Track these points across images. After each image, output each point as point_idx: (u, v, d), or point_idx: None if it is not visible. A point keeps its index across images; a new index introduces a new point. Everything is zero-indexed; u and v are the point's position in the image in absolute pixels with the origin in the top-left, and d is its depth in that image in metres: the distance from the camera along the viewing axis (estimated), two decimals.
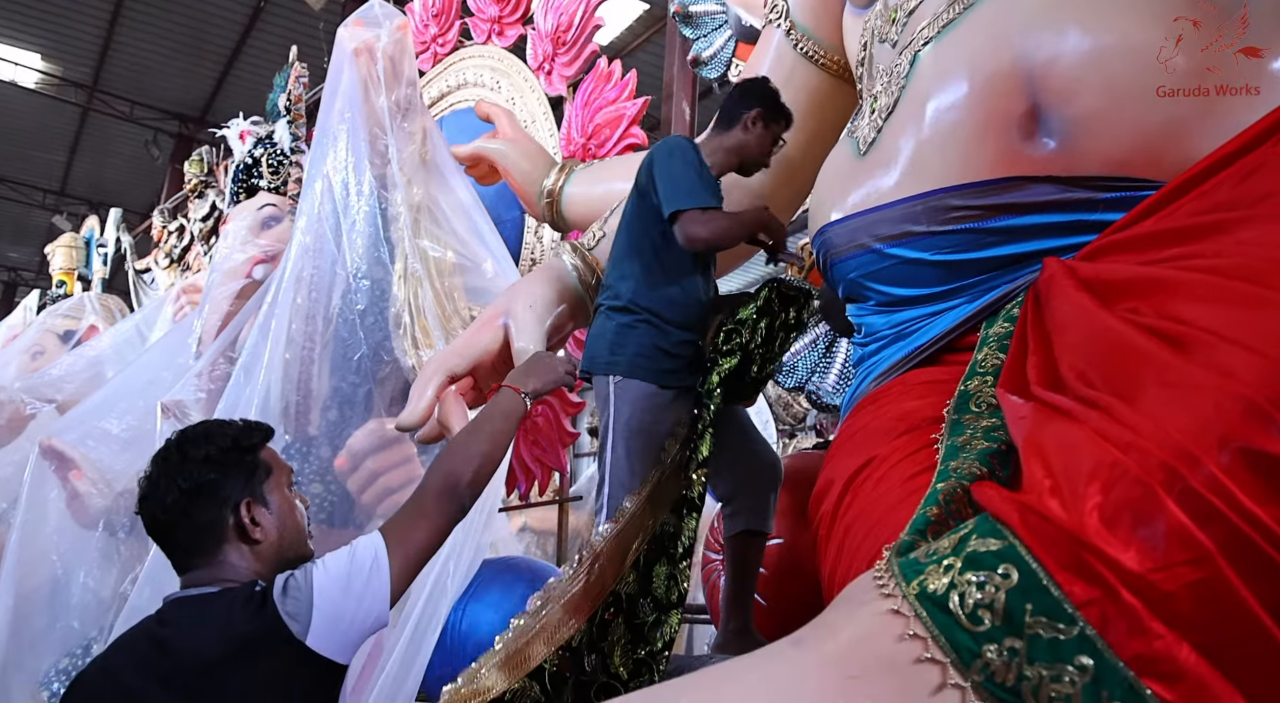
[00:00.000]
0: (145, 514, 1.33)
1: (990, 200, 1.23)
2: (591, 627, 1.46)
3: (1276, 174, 0.86)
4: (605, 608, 1.48)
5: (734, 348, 1.65)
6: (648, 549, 1.55)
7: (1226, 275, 0.81)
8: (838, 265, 1.44)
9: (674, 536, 1.59)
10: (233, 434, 1.35)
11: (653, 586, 1.56)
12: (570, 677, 1.41)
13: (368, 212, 2.54)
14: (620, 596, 1.50)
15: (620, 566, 1.49)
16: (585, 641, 1.45)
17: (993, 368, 1.11)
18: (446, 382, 1.73)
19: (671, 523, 1.60)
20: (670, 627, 1.55)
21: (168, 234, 6.95)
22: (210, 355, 3.13)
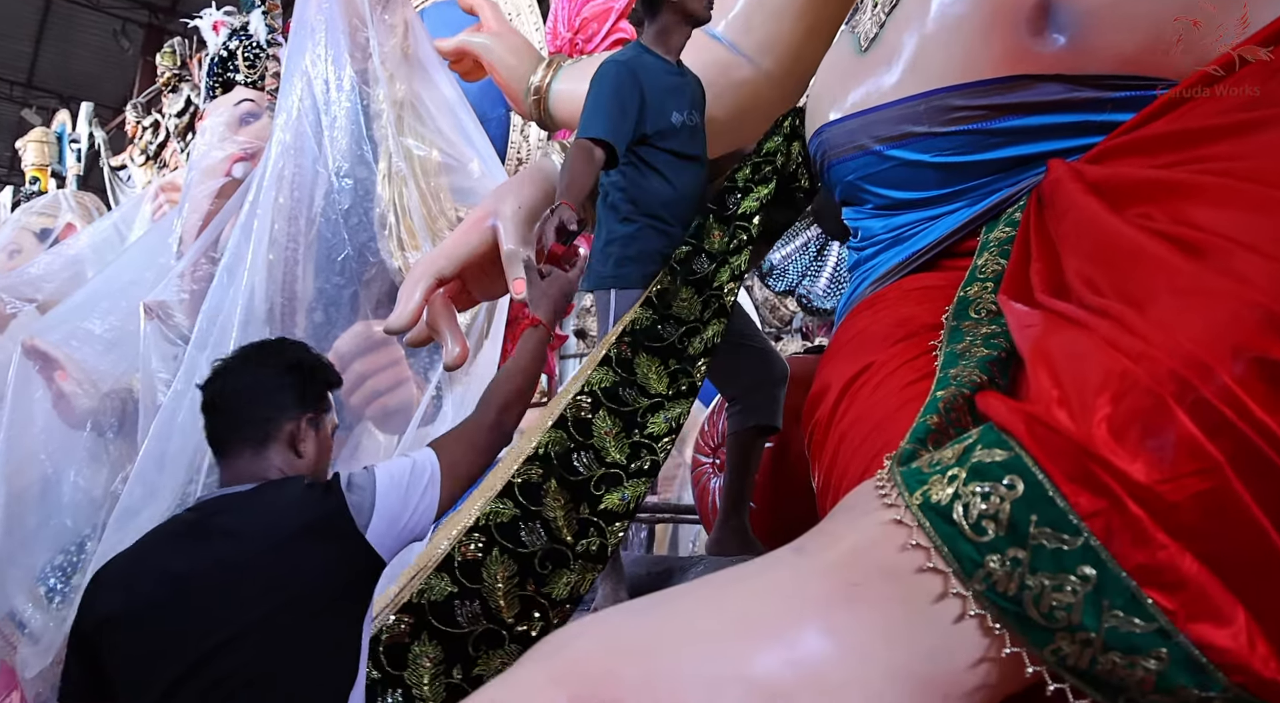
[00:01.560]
0: (212, 391, 1.34)
1: (995, 100, 1.20)
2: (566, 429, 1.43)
3: None
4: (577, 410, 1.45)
5: (768, 175, 1.63)
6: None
7: (1243, 179, 0.78)
8: (835, 167, 1.41)
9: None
10: (320, 361, 1.37)
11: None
12: (553, 478, 1.39)
13: (349, 108, 2.46)
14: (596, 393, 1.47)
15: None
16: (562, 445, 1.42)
17: (993, 274, 1.10)
18: (435, 285, 1.70)
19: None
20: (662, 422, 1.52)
21: (142, 130, 6.77)
22: (192, 255, 3.09)
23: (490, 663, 1.30)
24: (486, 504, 1.33)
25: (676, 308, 1.55)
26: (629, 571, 1.74)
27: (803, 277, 2.55)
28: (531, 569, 1.33)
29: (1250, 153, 0.82)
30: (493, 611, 1.30)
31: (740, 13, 1.83)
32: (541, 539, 1.34)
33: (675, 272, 1.57)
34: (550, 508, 1.36)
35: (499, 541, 1.32)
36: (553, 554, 1.35)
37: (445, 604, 1.29)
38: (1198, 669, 0.66)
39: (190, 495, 2.51)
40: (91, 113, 7.51)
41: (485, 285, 1.78)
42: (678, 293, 1.56)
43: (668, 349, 1.53)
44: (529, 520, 1.34)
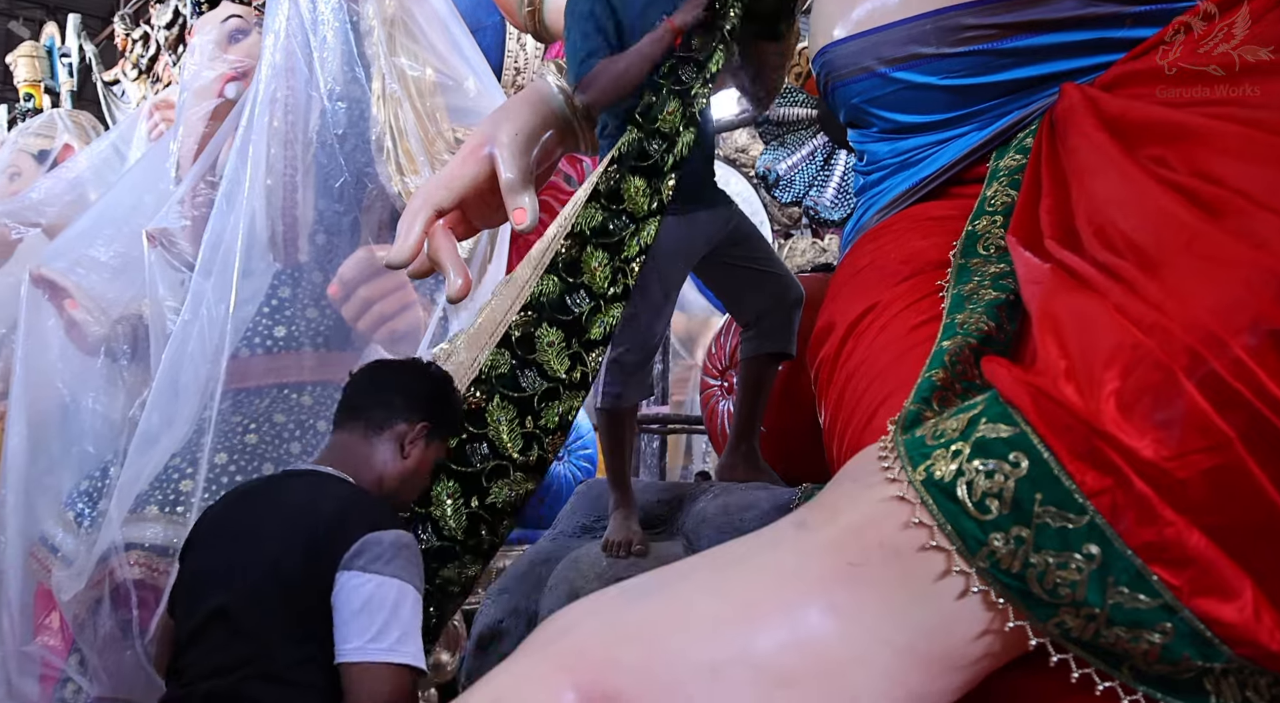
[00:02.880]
0: (362, 373, 1.49)
1: (1007, 18, 1.14)
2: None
3: None
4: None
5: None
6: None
7: (1268, 130, 0.75)
8: (839, 89, 1.35)
9: None
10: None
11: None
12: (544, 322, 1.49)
13: (338, 27, 2.39)
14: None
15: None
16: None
17: (1002, 206, 1.06)
18: (434, 217, 1.66)
19: None
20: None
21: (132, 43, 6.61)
22: (190, 181, 3.05)
23: (501, 492, 1.45)
24: (486, 357, 1.48)
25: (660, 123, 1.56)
26: (640, 498, 1.76)
27: (809, 187, 2.50)
28: (530, 408, 1.47)
29: (1275, 101, 0.78)
30: (498, 448, 1.45)
31: None
32: (537, 382, 1.47)
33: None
34: (543, 353, 1.48)
35: (499, 389, 1.45)
36: (547, 393, 1.47)
37: (459, 448, 1.45)
38: (1203, 643, 0.66)
39: (207, 421, 2.55)
40: (79, 25, 7.34)
41: (485, 214, 1.74)
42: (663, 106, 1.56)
43: (651, 168, 1.56)
44: (524, 368, 1.47)
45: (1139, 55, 1.03)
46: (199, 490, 2.44)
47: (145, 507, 2.46)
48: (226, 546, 1.34)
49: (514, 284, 1.58)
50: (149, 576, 2.29)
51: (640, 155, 1.51)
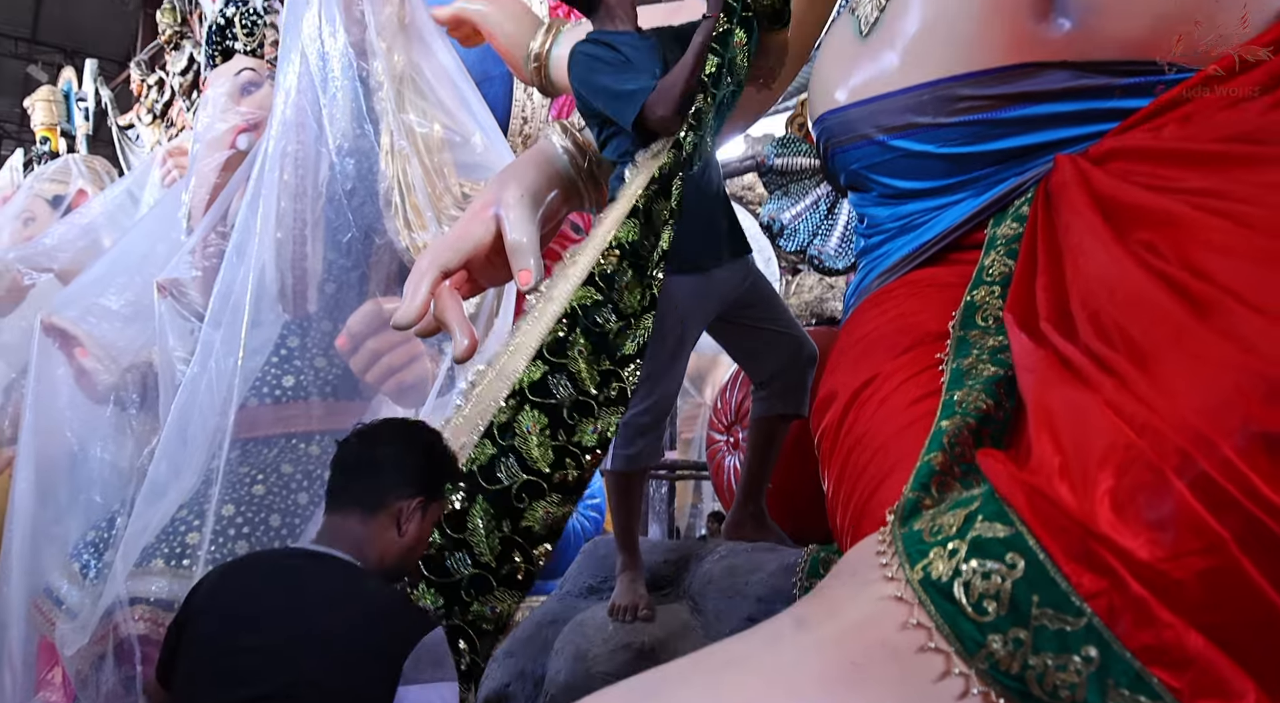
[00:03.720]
0: (348, 449, 1.41)
1: (1001, 89, 1.16)
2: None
3: None
4: None
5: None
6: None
7: (1250, 227, 0.76)
8: (839, 155, 1.37)
9: None
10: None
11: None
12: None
13: (347, 84, 2.43)
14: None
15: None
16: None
17: (1000, 276, 1.07)
18: (440, 277, 1.68)
19: None
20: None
21: (147, 88, 6.72)
22: (201, 231, 3.08)
23: (535, 513, 1.39)
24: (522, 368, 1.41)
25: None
26: (647, 558, 1.75)
27: (813, 236, 2.51)
28: (561, 420, 1.40)
29: (1256, 196, 0.79)
30: (529, 463, 1.39)
31: None
32: (569, 391, 1.41)
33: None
34: (574, 362, 1.41)
35: (530, 397, 1.39)
36: (579, 405, 1.41)
37: (489, 465, 1.38)
38: None
39: (214, 471, 2.55)
40: (96, 70, 7.46)
41: (491, 273, 1.76)
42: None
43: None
44: (556, 374, 1.41)
45: (1129, 128, 1.04)
46: (205, 543, 2.44)
47: (151, 560, 2.45)
48: (253, 631, 1.31)
49: (546, 298, 1.52)
50: (154, 631, 2.28)
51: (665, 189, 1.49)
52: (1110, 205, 0.91)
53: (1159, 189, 0.88)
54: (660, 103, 1.52)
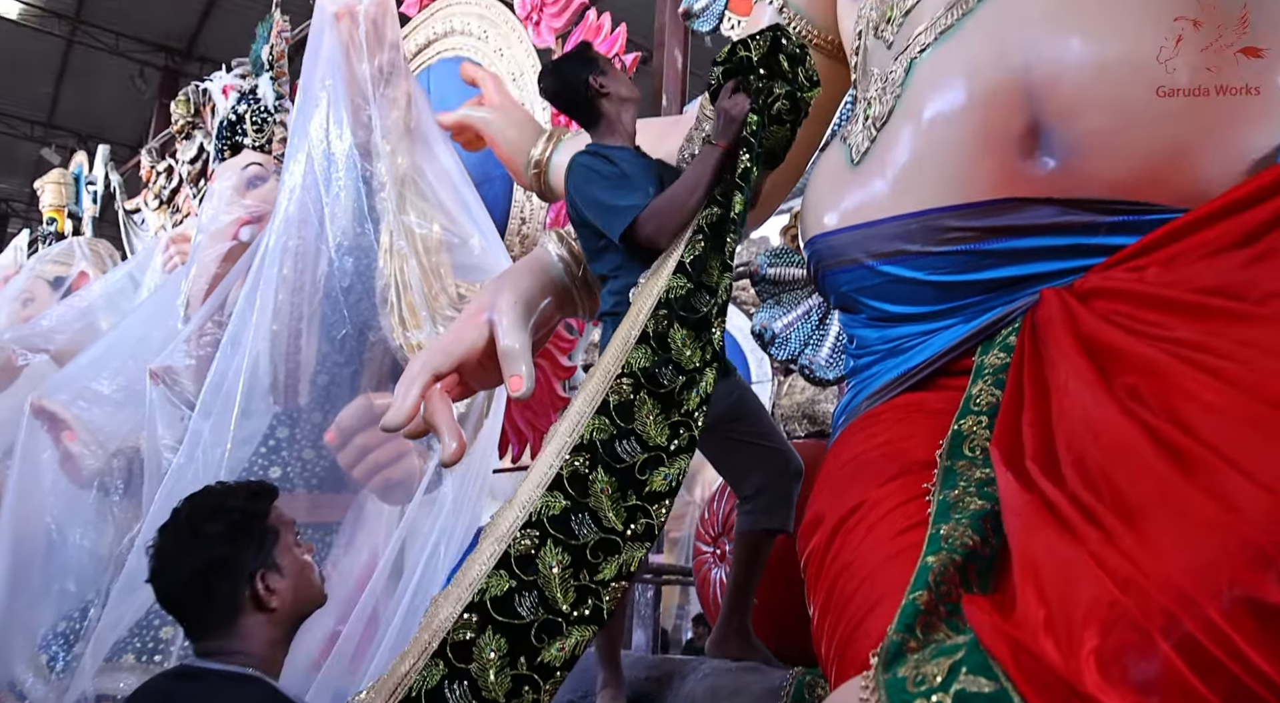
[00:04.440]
0: (158, 589, 1.35)
1: (987, 222, 1.19)
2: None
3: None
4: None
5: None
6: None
7: (1233, 385, 0.77)
8: (829, 277, 1.40)
9: None
10: (241, 505, 1.36)
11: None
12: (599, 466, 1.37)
13: (350, 184, 2.48)
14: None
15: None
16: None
17: (987, 406, 1.08)
18: (431, 381, 1.69)
19: None
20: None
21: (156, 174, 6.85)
22: (198, 320, 3.10)
23: (550, 650, 1.30)
24: (537, 499, 1.33)
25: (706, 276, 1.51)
26: (629, 674, 1.71)
27: (805, 346, 2.52)
28: (584, 559, 1.33)
29: (1238, 352, 0.80)
30: (550, 601, 1.30)
31: None
32: (591, 529, 1.34)
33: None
34: (596, 498, 1.35)
35: (551, 532, 1.31)
36: (604, 543, 1.35)
37: (506, 598, 1.28)
38: None
39: None
40: (107, 155, 7.61)
41: (482, 378, 1.77)
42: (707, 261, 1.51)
43: (701, 320, 1.49)
44: (579, 512, 1.34)
45: (1114, 265, 1.06)
46: (179, 638, 2.38)
47: (122, 655, 2.40)
48: None
49: (565, 421, 1.45)
50: None
51: (688, 307, 1.46)
52: (1094, 346, 0.92)
53: (1141, 334, 0.90)
54: (651, 220, 1.55)
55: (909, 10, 1.33)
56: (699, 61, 4.87)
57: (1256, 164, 1.05)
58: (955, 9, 1.25)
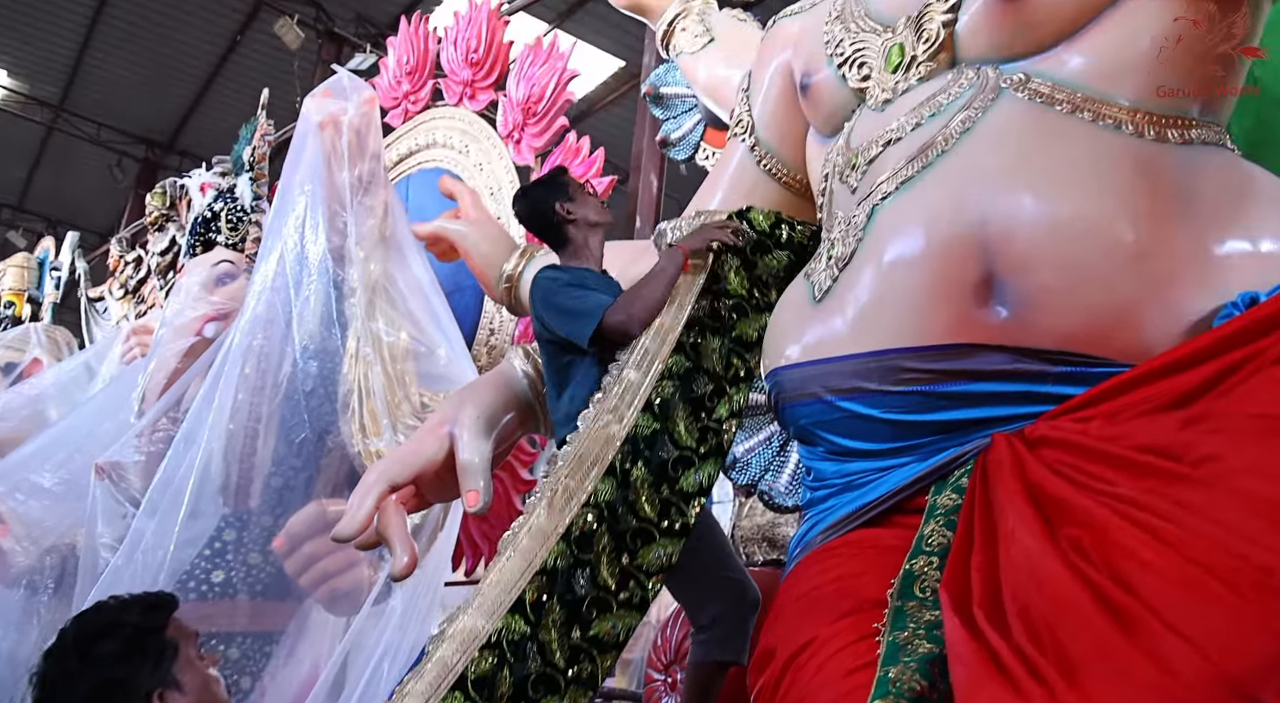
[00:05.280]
0: None
1: (942, 365, 1.22)
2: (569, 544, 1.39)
3: (1215, 436, 0.86)
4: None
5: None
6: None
7: (1170, 545, 0.79)
8: (788, 409, 1.42)
9: None
10: (135, 621, 1.30)
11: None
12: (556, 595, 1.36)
13: (321, 287, 2.51)
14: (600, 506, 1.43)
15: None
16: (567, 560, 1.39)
17: (938, 547, 1.09)
18: (387, 491, 1.68)
19: None
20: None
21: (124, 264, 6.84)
22: (153, 415, 3.06)
23: None
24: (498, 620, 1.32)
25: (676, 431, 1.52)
26: None
27: (765, 471, 2.54)
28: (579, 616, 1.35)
29: (1175, 513, 0.83)
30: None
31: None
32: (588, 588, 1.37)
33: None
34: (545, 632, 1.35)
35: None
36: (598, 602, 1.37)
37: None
38: None
39: None
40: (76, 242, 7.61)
41: (439, 491, 1.76)
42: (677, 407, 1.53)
43: (663, 467, 1.49)
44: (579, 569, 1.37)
45: (1061, 414, 1.10)
46: None
47: None
48: None
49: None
50: None
51: (652, 447, 1.47)
52: (1041, 495, 0.95)
53: (1085, 487, 0.93)
54: (620, 309, 1.59)
55: (873, 159, 1.40)
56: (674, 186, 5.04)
57: (1194, 326, 1.10)
58: (916, 161, 1.32)
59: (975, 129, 1.30)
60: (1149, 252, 1.15)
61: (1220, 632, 0.71)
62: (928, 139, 1.33)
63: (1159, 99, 1.28)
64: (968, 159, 1.29)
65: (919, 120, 1.37)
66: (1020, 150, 1.27)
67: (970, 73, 1.37)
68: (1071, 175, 1.23)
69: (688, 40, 2.64)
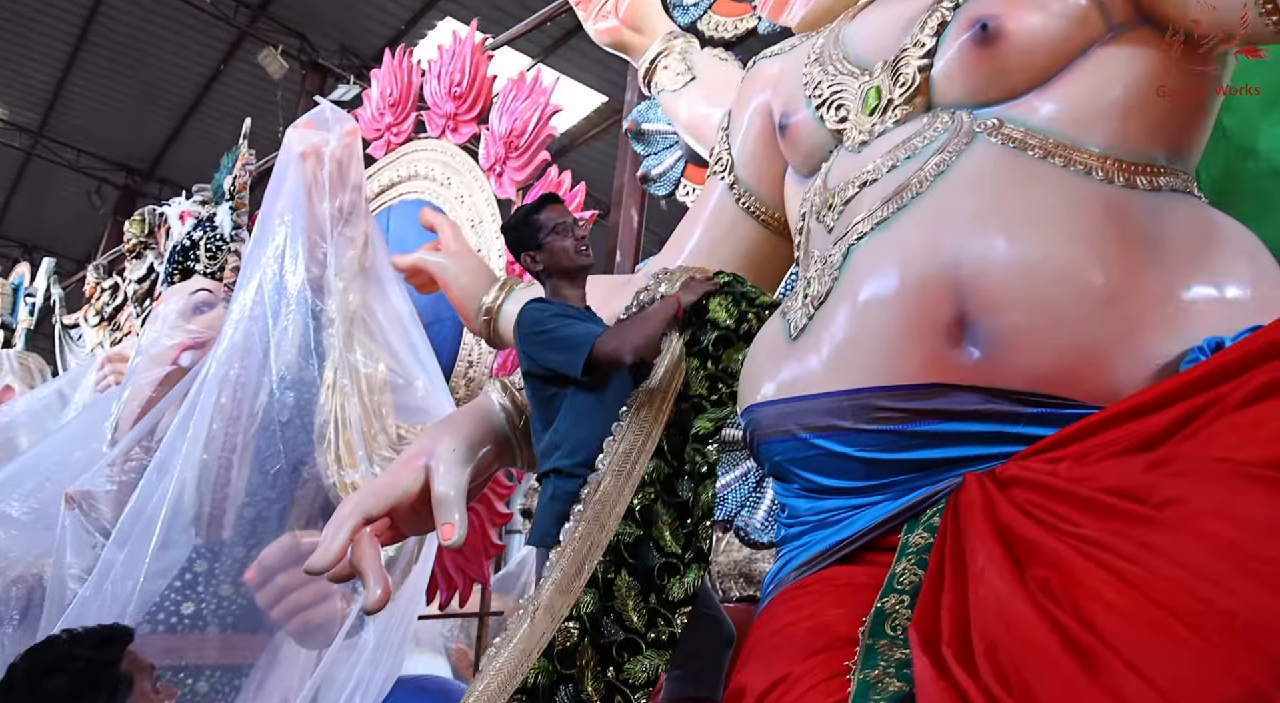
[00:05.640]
0: None
1: (915, 404, 1.24)
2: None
3: (1179, 479, 0.88)
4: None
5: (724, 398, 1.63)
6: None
7: (1134, 587, 0.81)
8: (764, 446, 1.43)
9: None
10: (87, 655, 1.27)
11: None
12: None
13: (299, 318, 2.50)
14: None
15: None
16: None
17: (909, 585, 1.10)
18: (362, 523, 1.67)
19: None
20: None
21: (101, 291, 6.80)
22: (125, 444, 3.03)
23: None
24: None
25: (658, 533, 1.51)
26: None
27: (741, 507, 2.55)
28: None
29: (1139, 555, 0.84)
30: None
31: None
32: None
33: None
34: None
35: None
36: None
37: None
38: None
39: None
40: (52, 269, 7.56)
41: (414, 524, 1.76)
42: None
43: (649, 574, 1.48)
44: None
45: (1032, 455, 1.11)
46: None
47: None
48: None
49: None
50: None
51: (636, 554, 1.47)
52: (1010, 536, 0.96)
53: (1053, 527, 0.94)
54: (613, 337, 1.58)
55: (849, 200, 1.42)
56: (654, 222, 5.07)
57: (1162, 369, 1.12)
58: (891, 203, 1.34)
59: (949, 172, 1.32)
60: (1118, 295, 1.17)
61: (1184, 675, 0.72)
62: (903, 181, 1.35)
63: (1128, 146, 1.31)
64: (942, 202, 1.31)
65: (894, 162, 1.39)
66: (993, 194, 1.29)
67: (945, 117, 1.40)
68: (1043, 219, 1.25)
69: (669, 78, 2.67)
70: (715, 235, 1.87)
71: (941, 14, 1.42)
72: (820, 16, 1.84)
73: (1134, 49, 1.33)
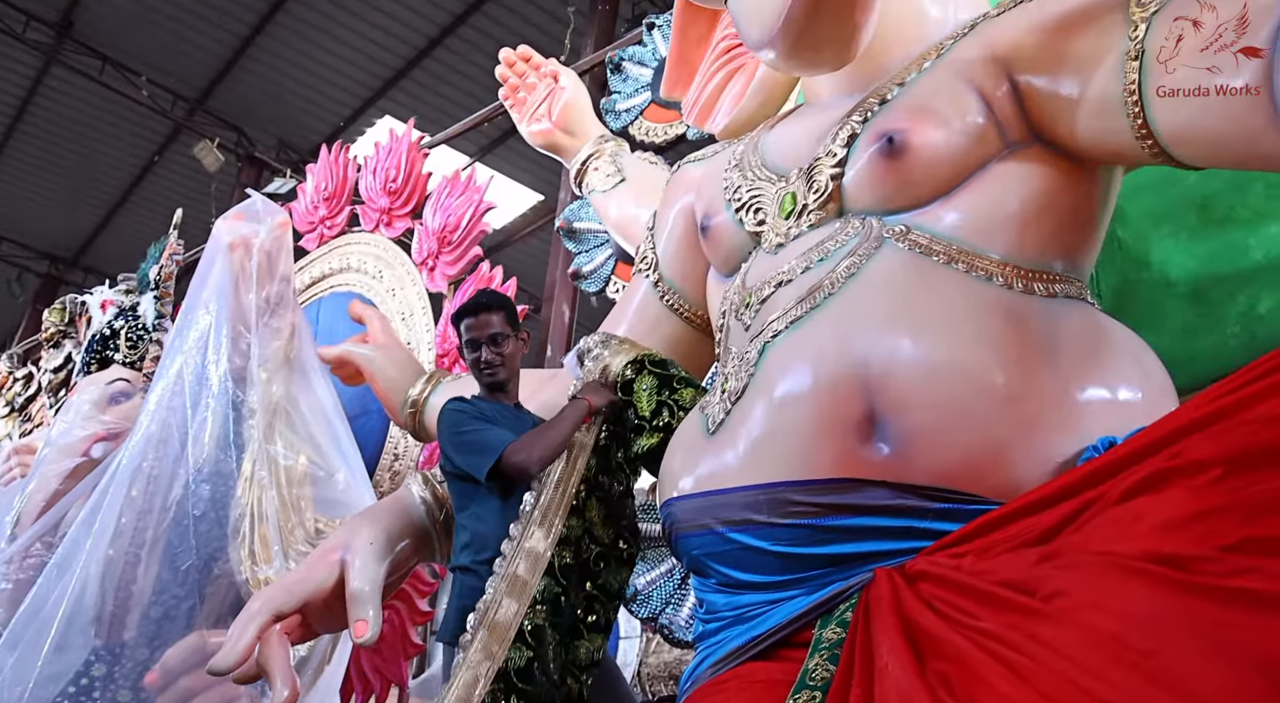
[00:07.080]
0: None
1: (827, 499, 1.26)
2: None
3: (1064, 572, 0.91)
4: None
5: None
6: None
7: (1024, 679, 0.83)
8: (681, 540, 1.44)
9: None
10: None
11: None
12: None
13: (219, 410, 2.45)
14: None
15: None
16: None
17: (821, 682, 1.10)
18: (271, 620, 1.62)
19: None
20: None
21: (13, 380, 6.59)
22: (26, 540, 2.90)
23: None
24: None
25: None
26: None
27: (665, 605, 2.52)
28: None
29: (1028, 646, 0.87)
30: None
31: None
32: None
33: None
34: None
35: None
36: None
37: None
38: None
39: None
40: None
41: (327, 621, 1.70)
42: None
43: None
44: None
45: (938, 550, 1.14)
46: None
47: None
48: None
49: None
50: None
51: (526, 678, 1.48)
52: (914, 630, 0.97)
53: (954, 621, 0.96)
54: (521, 450, 1.61)
55: (765, 299, 1.47)
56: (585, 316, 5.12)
57: (1060, 466, 1.17)
58: (805, 302, 1.39)
59: (859, 275, 1.38)
60: (1018, 395, 1.22)
61: None
62: (816, 282, 1.40)
63: (1026, 254, 1.38)
64: (852, 302, 1.36)
65: (808, 264, 1.45)
66: (900, 296, 1.35)
67: (856, 222, 1.46)
68: (947, 322, 1.30)
69: (600, 179, 2.75)
70: (640, 331, 1.91)
71: (851, 127, 1.50)
72: (742, 125, 1.93)
73: (1029, 165, 1.42)
